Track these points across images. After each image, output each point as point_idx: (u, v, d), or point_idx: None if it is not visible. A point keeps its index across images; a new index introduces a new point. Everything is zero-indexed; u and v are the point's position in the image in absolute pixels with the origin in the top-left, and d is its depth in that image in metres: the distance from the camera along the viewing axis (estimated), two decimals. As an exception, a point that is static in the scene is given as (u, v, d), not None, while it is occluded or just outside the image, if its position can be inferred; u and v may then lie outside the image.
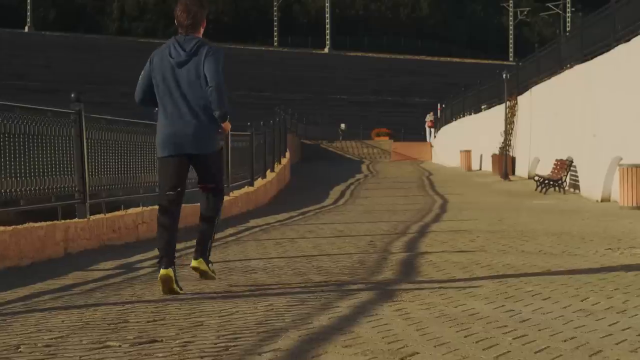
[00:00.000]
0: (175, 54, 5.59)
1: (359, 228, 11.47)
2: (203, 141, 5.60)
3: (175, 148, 5.60)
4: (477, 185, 25.13)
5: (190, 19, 5.63)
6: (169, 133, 5.60)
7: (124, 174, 10.82)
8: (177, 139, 5.58)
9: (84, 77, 74.16)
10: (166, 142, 5.62)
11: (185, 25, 5.65)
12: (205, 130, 5.58)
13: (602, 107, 18.50)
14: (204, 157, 5.65)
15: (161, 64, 5.63)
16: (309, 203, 18.82)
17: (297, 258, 7.67)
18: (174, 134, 5.58)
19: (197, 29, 5.66)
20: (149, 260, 8.00)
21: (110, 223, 9.86)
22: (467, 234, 10.10)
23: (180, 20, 5.66)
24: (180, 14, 5.65)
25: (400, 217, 13.81)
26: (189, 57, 5.54)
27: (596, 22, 20.37)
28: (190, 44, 5.58)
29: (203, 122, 5.56)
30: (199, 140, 5.58)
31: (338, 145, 47.39)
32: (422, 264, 7.07)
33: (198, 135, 5.56)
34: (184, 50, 5.57)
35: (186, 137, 5.57)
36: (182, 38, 5.64)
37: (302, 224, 12.69)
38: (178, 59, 5.57)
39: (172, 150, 5.60)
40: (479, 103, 35.31)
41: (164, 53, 5.64)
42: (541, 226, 11.32)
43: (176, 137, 5.58)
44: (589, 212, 14.54)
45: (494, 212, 14.78)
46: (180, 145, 5.59)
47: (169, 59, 5.60)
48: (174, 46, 5.62)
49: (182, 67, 5.56)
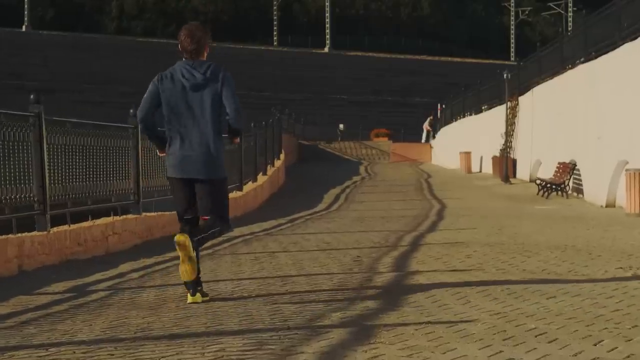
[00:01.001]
0: (190, 77, 5.62)
1: (348, 239, 10.66)
2: (212, 167, 5.63)
3: (184, 171, 5.65)
4: (476, 189, 24.31)
5: (195, 43, 5.67)
6: (178, 156, 5.64)
7: (93, 182, 10.01)
8: (186, 164, 5.63)
9: (82, 77, 73.68)
10: (176, 165, 5.67)
11: (189, 50, 5.69)
12: (214, 156, 5.63)
13: (607, 108, 17.69)
14: (210, 182, 5.63)
15: (173, 86, 5.63)
16: (301, 208, 18.03)
17: (272, 279, 6.86)
18: (183, 159, 5.63)
19: (201, 53, 5.70)
20: (107, 280, 7.19)
21: (75, 235, 9.06)
22: (464, 247, 9.29)
23: (185, 45, 5.69)
24: (185, 39, 5.69)
25: (394, 225, 13.00)
26: (205, 81, 5.60)
27: (600, 20, 19.55)
28: (204, 67, 5.64)
29: (212, 147, 5.61)
30: (208, 166, 5.62)
31: (336, 146, 46.54)
32: (410, 288, 6.26)
33: (207, 161, 5.61)
34: (199, 73, 5.62)
35: (195, 162, 5.61)
36: (191, 62, 5.68)
37: (289, 234, 11.88)
38: (193, 81, 5.61)
39: (181, 172, 5.66)
40: (479, 103, 34.50)
41: (175, 76, 5.64)
42: (544, 237, 10.51)
43: (185, 162, 5.63)
44: (594, 220, 13.72)
45: (493, 220, 13.98)
46: (188, 170, 5.64)
47: (182, 81, 5.62)
48: (186, 69, 5.65)
49: (197, 91, 5.60)
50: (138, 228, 10.76)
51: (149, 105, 5.71)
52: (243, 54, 78.04)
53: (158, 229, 11.44)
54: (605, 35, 18.76)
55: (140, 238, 10.78)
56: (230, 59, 57.80)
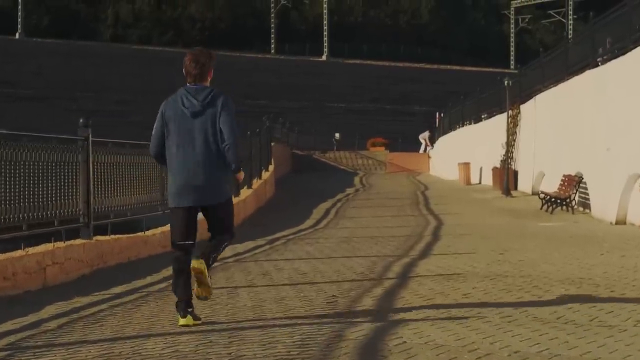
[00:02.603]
0: (189, 104, 5.70)
1: (328, 268, 9.26)
2: (215, 191, 5.70)
3: (187, 200, 5.69)
4: (476, 203, 22.89)
5: (199, 68, 5.78)
6: (180, 184, 5.69)
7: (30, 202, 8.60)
8: (189, 191, 5.67)
9: (77, 85, 72.80)
10: (178, 194, 5.71)
11: (193, 74, 5.79)
12: (216, 181, 5.69)
13: (617, 116, 16.30)
14: (215, 207, 5.74)
15: (174, 115, 5.71)
16: (286, 225, 16.63)
17: (216, 335, 5.43)
18: (186, 186, 5.67)
19: (204, 78, 5.80)
20: (17, 332, 5.78)
21: (2, 268, 7.65)
22: (461, 281, 7.88)
23: (189, 69, 5.80)
24: (189, 64, 5.80)
25: (384, 249, 11.60)
26: (203, 108, 5.67)
27: (609, 23, 18.18)
28: (203, 93, 5.71)
29: (214, 172, 5.66)
30: (211, 191, 5.68)
31: (331, 156, 45.15)
32: (389, 351, 4.84)
33: (210, 186, 5.67)
34: (197, 100, 5.69)
35: (198, 190, 5.65)
36: (193, 89, 5.76)
37: (262, 260, 10.46)
38: (192, 109, 5.68)
39: (184, 202, 5.69)
40: (478, 112, 33.14)
41: (176, 104, 5.74)
42: (553, 267, 9.10)
43: (188, 189, 5.67)
44: (606, 241, 12.31)
45: (494, 241, 12.59)
46: (191, 197, 5.68)
47: (182, 110, 5.70)
48: (186, 97, 5.73)
49: (196, 118, 5.66)
50: (86, 255, 9.36)
51: (158, 142, 5.78)
52: (239, 62, 76.98)
53: (113, 255, 10.05)
54: (615, 38, 17.41)
55: (90, 267, 9.38)
56: (226, 67, 56.60)
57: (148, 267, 9.68)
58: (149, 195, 11.91)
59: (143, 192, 11.57)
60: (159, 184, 12.08)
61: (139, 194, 11.42)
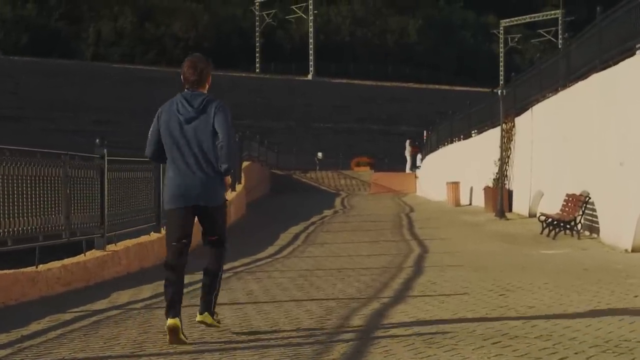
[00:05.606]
0: (184, 111, 5.77)
1: (262, 321, 6.66)
2: (211, 194, 5.77)
3: (184, 200, 5.76)
4: (466, 226, 20.31)
5: (197, 75, 5.84)
6: (177, 186, 5.76)
7: None
8: (185, 192, 5.74)
9: (54, 104, 70.65)
10: (174, 196, 5.78)
11: (191, 80, 5.85)
12: (212, 184, 5.76)
13: (631, 126, 13.83)
14: (211, 209, 5.82)
15: (169, 120, 5.78)
16: (242, 253, 14.00)
17: None
18: (183, 188, 5.74)
19: (202, 84, 5.87)
20: None
21: None
22: (449, 348, 5.27)
23: (187, 76, 5.86)
24: (187, 70, 5.86)
25: (349, 287, 8.99)
26: (197, 114, 5.74)
27: (616, 20, 15.72)
28: (198, 100, 5.78)
29: (210, 175, 5.74)
30: (207, 193, 5.75)
31: (312, 176, 42.62)
32: None
33: (206, 188, 5.74)
34: (192, 107, 5.76)
35: (194, 190, 5.72)
36: (189, 94, 5.83)
37: (183, 306, 7.82)
38: (187, 116, 5.76)
39: (181, 202, 5.77)
40: (468, 127, 30.69)
41: (171, 110, 5.81)
42: (580, 319, 6.48)
43: (185, 190, 5.73)
44: (630, 275, 9.74)
45: (490, 275, 10.00)
46: (188, 197, 5.74)
47: (177, 116, 5.77)
48: (181, 103, 5.79)
49: (190, 124, 5.74)
50: None
51: (154, 146, 5.85)
52: (224, 81, 74.90)
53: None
54: (622, 37, 14.99)
55: None
56: (210, 86, 54.40)
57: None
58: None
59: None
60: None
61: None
